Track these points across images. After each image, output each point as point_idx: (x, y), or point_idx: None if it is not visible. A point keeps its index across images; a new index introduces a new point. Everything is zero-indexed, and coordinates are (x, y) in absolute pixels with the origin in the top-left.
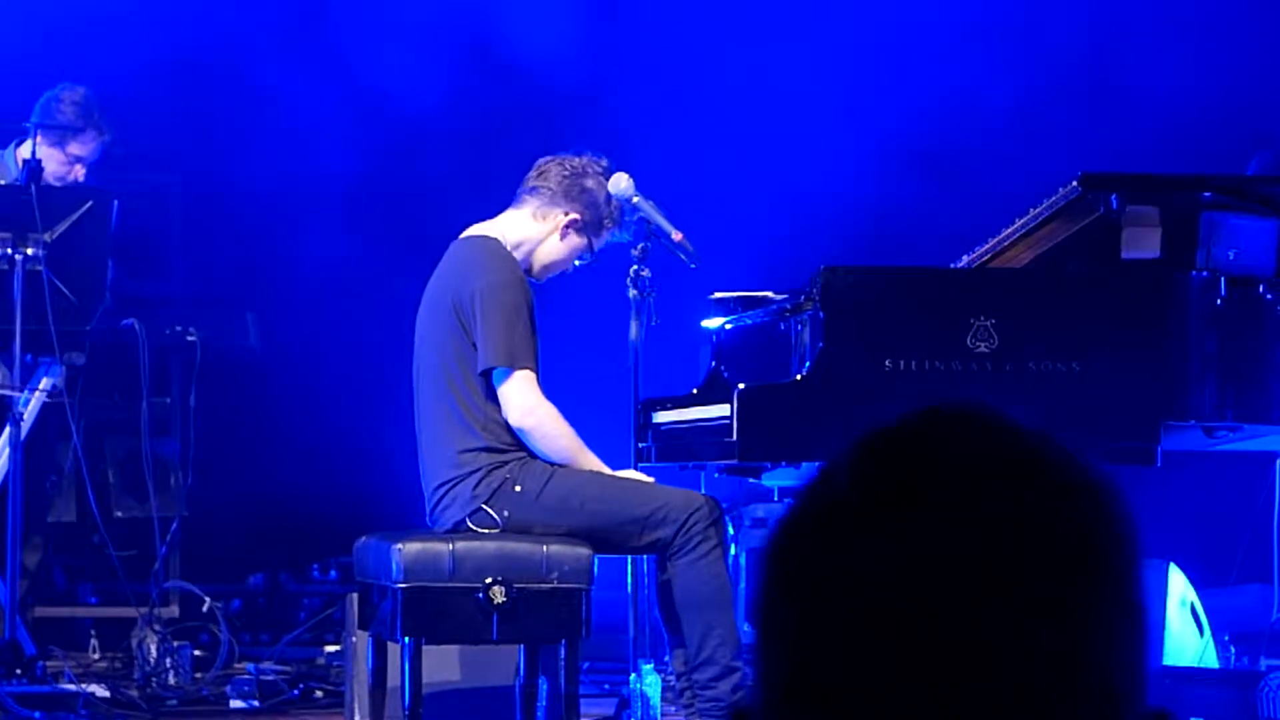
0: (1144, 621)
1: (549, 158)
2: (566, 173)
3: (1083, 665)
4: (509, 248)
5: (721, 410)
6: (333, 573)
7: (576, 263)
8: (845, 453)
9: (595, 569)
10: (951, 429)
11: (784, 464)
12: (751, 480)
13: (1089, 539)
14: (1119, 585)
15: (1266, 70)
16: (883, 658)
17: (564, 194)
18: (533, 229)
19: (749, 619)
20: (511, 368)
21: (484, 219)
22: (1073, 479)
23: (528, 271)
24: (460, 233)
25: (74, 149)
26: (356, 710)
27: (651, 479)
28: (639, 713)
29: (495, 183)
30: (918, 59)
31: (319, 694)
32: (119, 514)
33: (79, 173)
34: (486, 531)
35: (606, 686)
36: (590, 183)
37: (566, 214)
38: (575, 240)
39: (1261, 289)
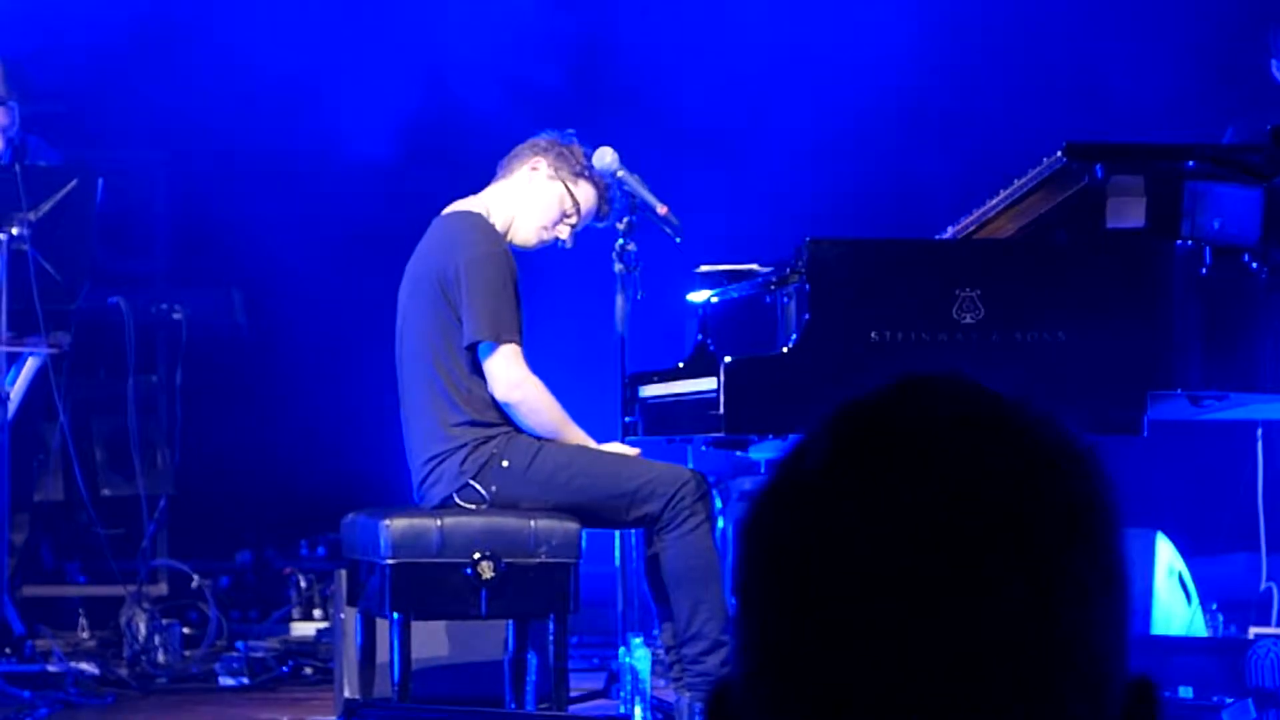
0: (1125, 590)
1: None
2: (533, 140)
3: (1063, 633)
4: (494, 221)
5: (708, 383)
6: (321, 549)
7: (564, 235)
8: (820, 423)
9: (583, 543)
10: (927, 397)
11: (771, 436)
12: (739, 453)
13: (1067, 505)
14: (1099, 552)
15: (1246, 35)
16: (859, 626)
17: (530, 149)
18: (509, 191)
19: (732, 591)
20: (497, 342)
21: (467, 195)
22: (1051, 445)
23: (518, 243)
24: (443, 209)
25: None
26: (346, 686)
27: (638, 452)
28: (628, 686)
29: (476, 158)
30: (902, 26)
31: (308, 670)
32: (106, 492)
33: None
34: (474, 507)
35: (595, 661)
36: (554, 135)
37: (535, 156)
38: (551, 186)
39: (1246, 258)
